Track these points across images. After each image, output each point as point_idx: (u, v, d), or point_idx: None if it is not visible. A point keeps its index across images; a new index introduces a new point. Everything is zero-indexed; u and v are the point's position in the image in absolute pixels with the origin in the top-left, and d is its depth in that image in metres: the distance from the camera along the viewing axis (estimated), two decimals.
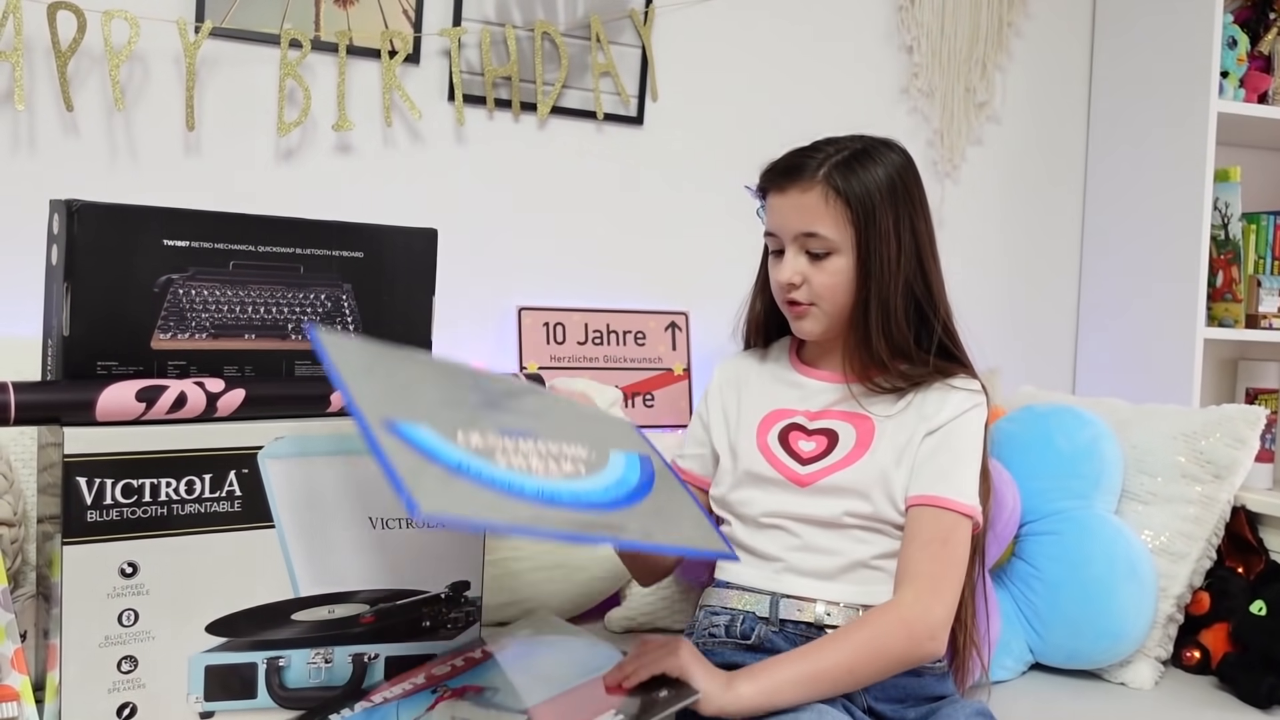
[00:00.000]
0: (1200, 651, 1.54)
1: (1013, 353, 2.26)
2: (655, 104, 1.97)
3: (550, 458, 0.88)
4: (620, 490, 0.91)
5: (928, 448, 1.22)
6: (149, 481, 1.06)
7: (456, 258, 1.77)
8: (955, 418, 1.23)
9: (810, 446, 1.26)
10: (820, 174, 1.21)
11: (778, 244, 1.26)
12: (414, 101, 1.77)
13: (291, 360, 1.19)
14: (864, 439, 1.24)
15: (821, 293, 1.23)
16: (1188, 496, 1.53)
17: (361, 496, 1.18)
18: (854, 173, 1.21)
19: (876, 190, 1.21)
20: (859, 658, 1.12)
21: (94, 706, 1.06)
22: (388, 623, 1.20)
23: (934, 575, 1.17)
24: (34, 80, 1.56)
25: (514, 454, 0.85)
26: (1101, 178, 2.32)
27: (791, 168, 1.23)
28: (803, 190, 1.22)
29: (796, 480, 1.24)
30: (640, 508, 0.89)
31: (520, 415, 0.95)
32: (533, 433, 0.90)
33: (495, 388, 1.02)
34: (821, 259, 1.22)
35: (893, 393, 1.25)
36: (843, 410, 1.27)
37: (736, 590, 1.25)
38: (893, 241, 1.21)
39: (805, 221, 1.22)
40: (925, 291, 1.24)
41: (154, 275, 1.10)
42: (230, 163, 1.69)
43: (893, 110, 2.16)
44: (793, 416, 1.29)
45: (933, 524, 1.19)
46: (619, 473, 0.95)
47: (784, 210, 1.24)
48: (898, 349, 1.23)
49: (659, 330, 1.96)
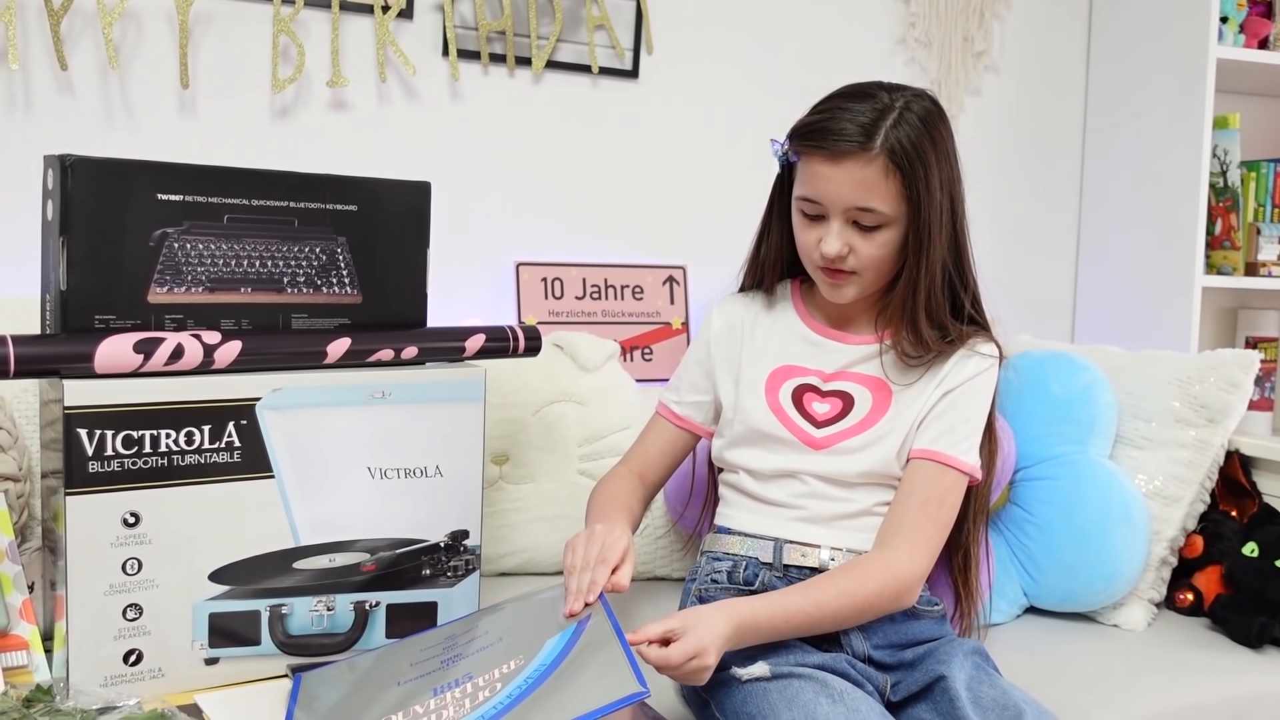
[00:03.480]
0: (1193, 593, 1.55)
1: (1012, 303, 2.26)
2: (650, 57, 1.96)
3: (468, 696, 0.98)
4: (529, 681, 0.97)
5: (942, 405, 1.23)
6: (149, 433, 1.08)
7: (453, 213, 1.77)
8: (971, 378, 1.24)
9: (825, 409, 1.26)
10: (882, 146, 1.15)
11: (819, 211, 1.19)
12: (408, 57, 1.77)
13: (288, 313, 1.20)
14: (881, 404, 1.24)
15: (866, 264, 1.20)
16: (1181, 441, 1.54)
17: (359, 447, 1.19)
18: (913, 144, 1.15)
19: (932, 161, 1.17)
20: (843, 607, 1.13)
21: (101, 653, 1.08)
22: (388, 571, 1.22)
23: (928, 535, 1.18)
24: (27, 39, 1.56)
25: (427, 715, 0.97)
26: (1101, 126, 2.31)
27: (852, 138, 1.15)
28: (864, 164, 1.15)
29: (810, 443, 1.24)
30: (541, 691, 0.95)
31: (463, 661, 1.05)
32: (467, 676, 1.02)
33: (460, 639, 1.12)
34: (870, 231, 1.18)
35: (919, 359, 1.23)
36: (860, 373, 1.26)
37: (739, 536, 1.26)
38: (940, 213, 1.19)
39: (862, 196, 1.16)
40: (959, 260, 1.24)
41: (149, 229, 1.10)
42: (225, 120, 1.69)
43: (889, 61, 2.15)
44: (806, 376, 1.28)
45: (934, 482, 1.20)
46: (540, 659, 1.00)
47: (838, 182, 1.16)
48: (934, 318, 1.22)
49: (657, 284, 1.96)
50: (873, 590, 1.14)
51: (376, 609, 1.22)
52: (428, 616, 1.25)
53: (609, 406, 1.63)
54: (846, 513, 1.23)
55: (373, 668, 1.11)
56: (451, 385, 1.24)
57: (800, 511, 1.24)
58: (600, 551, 1.10)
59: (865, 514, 1.23)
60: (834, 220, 1.19)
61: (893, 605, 1.16)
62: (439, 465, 1.24)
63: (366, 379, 1.20)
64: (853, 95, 1.19)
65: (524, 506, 1.59)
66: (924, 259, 1.19)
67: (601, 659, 0.96)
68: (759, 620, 1.10)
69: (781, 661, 1.11)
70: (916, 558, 1.17)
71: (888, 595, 1.15)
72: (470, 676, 1.02)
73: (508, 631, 1.09)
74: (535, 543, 1.58)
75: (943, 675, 1.13)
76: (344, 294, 1.23)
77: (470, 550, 1.28)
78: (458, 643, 1.11)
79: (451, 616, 1.26)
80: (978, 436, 1.24)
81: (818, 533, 1.23)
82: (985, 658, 1.19)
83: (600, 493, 1.32)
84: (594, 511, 1.28)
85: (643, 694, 0.91)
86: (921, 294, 1.20)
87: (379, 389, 1.20)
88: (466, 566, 1.27)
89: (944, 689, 1.12)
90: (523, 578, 1.58)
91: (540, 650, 1.02)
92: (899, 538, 1.18)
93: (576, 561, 1.10)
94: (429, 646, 1.12)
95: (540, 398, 1.60)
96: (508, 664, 1.01)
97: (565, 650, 1.00)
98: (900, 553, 1.17)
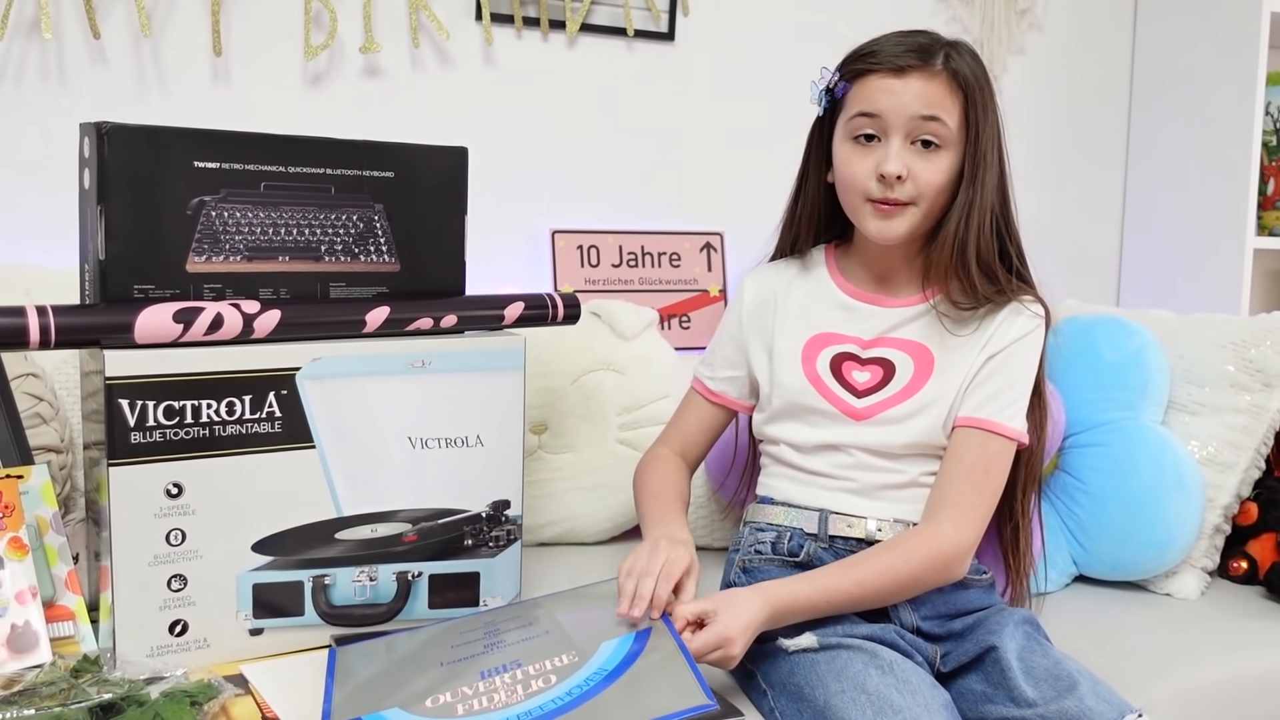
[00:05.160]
0: (1247, 561, 1.52)
1: (1056, 267, 2.21)
2: (686, 19, 1.92)
3: (519, 683, 0.99)
4: (591, 682, 0.98)
5: (986, 370, 1.20)
6: (190, 403, 1.07)
7: (488, 180, 1.75)
8: (1016, 340, 1.20)
9: (865, 377, 1.23)
10: (945, 64, 1.15)
11: (877, 128, 1.16)
12: (441, 22, 1.74)
13: (326, 282, 1.19)
14: (923, 370, 1.21)
15: (924, 190, 1.16)
16: (1236, 406, 1.50)
17: (400, 416, 1.18)
18: (973, 72, 1.16)
19: (989, 94, 1.17)
20: (887, 584, 1.11)
21: (147, 624, 1.08)
22: (430, 541, 1.21)
23: (975, 505, 1.16)
24: (60, 8, 1.55)
25: (478, 697, 0.98)
26: (1148, 84, 2.25)
27: (918, 49, 1.15)
28: (929, 78, 1.14)
29: (852, 414, 1.21)
30: (608, 693, 0.97)
31: (508, 648, 1.06)
32: (515, 663, 1.03)
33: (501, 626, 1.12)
34: (932, 151, 1.16)
35: (970, 308, 1.20)
36: (900, 338, 1.23)
37: (783, 506, 1.24)
38: (994, 147, 1.17)
39: (928, 105, 1.14)
40: (1004, 208, 1.21)
41: (186, 197, 1.09)
42: (258, 88, 1.67)
43: (931, 19, 2.09)
44: (843, 344, 1.24)
45: (979, 450, 1.18)
46: (600, 662, 1.01)
47: (901, 93, 1.14)
48: (984, 262, 1.18)
49: (694, 251, 1.94)
50: (917, 566, 1.12)
51: (419, 579, 1.21)
52: (470, 587, 1.24)
53: (648, 375, 1.61)
54: (893, 484, 1.21)
55: (412, 647, 1.11)
56: (491, 354, 1.23)
57: (845, 483, 1.21)
58: (664, 567, 1.08)
59: (912, 485, 1.21)
60: (894, 138, 1.15)
61: (940, 579, 1.14)
62: (479, 434, 1.23)
63: (406, 348, 1.18)
64: (901, 31, 1.19)
65: (563, 476, 1.58)
66: (978, 192, 1.16)
67: (668, 673, 0.98)
68: (798, 602, 1.08)
69: (830, 633, 1.09)
70: (964, 529, 1.14)
71: (934, 570, 1.13)
72: (519, 664, 1.02)
73: (555, 625, 1.09)
74: (575, 512, 1.57)
75: (994, 645, 1.11)
76: (382, 262, 1.21)
77: (512, 520, 1.26)
78: (500, 629, 1.11)
79: (494, 586, 1.25)
80: (1024, 401, 1.21)
81: (864, 504, 1.20)
82: (1036, 627, 1.17)
83: (650, 478, 1.29)
84: (647, 502, 1.26)
85: (710, 707, 0.94)
86: (974, 232, 1.17)
87: (418, 358, 1.18)
88: (508, 536, 1.26)
89: (995, 659, 1.10)
90: (563, 547, 1.57)
91: (597, 651, 1.02)
92: (944, 510, 1.16)
93: (638, 567, 1.08)
94: (469, 630, 1.12)
95: (578, 366, 1.58)
96: (559, 657, 1.02)
97: (629, 659, 1.01)
98: (946, 526, 1.14)
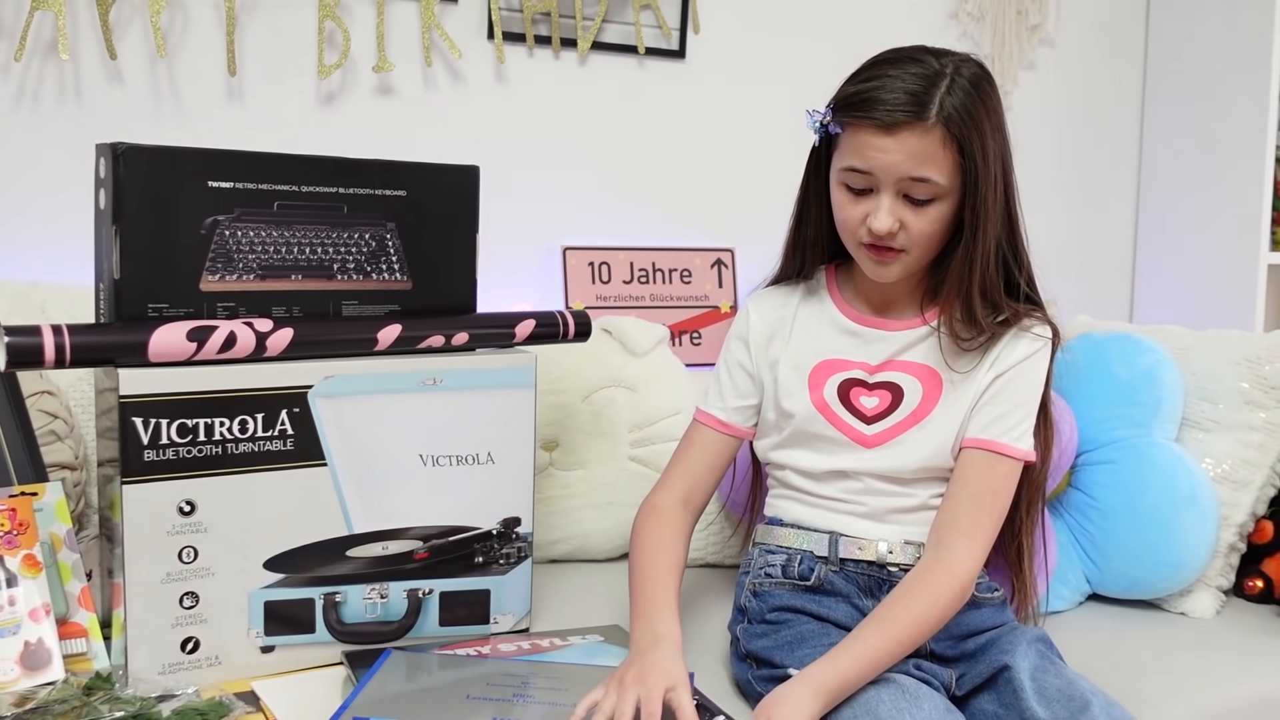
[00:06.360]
0: (1263, 580, 1.51)
1: (1069, 283, 2.21)
2: (697, 37, 1.93)
3: None
4: None
5: (993, 390, 1.19)
6: (203, 421, 1.08)
7: (500, 197, 1.75)
8: (1022, 360, 1.19)
9: (874, 403, 1.22)
10: (938, 115, 1.09)
11: (868, 184, 1.13)
12: (453, 41, 1.75)
13: (338, 300, 1.19)
14: (931, 393, 1.20)
15: (917, 240, 1.14)
16: (1251, 423, 1.50)
17: (412, 434, 1.18)
18: (969, 112, 1.10)
19: (987, 130, 1.11)
20: (921, 633, 1.09)
21: (159, 641, 1.08)
22: (441, 559, 1.21)
23: (984, 528, 1.15)
24: (77, 29, 1.57)
25: None
26: (1160, 98, 2.25)
27: (907, 107, 1.09)
28: (920, 134, 1.09)
29: (862, 441, 1.21)
30: None
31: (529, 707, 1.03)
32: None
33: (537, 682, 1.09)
34: (923, 205, 1.12)
35: (971, 340, 1.18)
36: (908, 361, 1.22)
37: (792, 529, 1.23)
38: (995, 185, 1.13)
39: (917, 166, 1.10)
40: (1012, 236, 1.18)
41: (200, 217, 1.10)
42: (272, 107, 1.69)
43: (942, 35, 2.10)
44: (850, 370, 1.23)
45: (987, 472, 1.17)
46: None
47: (891, 152, 1.10)
48: (988, 296, 1.17)
49: (705, 268, 1.94)
50: (944, 606, 1.11)
51: (430, 596, 1.21)
52: (480, 604, 1.24)
53: (659, 391, 1.61)
54: (903, 507, 1.20)
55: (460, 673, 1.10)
56: (502, 371, 1.23)
57: (855, 506, 1.21)
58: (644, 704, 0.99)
59: (922, 507, 1.20)
60: (884, 194, 1.12)
61: (958, 604, 1.13)
62: (490, 452, 1.23)
63: (417, 366, 1.19)
64: (898, 61, 1.13)
65: (574, 493, 1.58)
66: (979, 234, 1.14)
67: None
68: (846, 680, 1.04)
69: None
70: (975, 553, 1.14)
71: (957, 603, 1.12)
72: None
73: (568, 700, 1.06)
74: (586, 530, 1.57)
75: (1007, 665, 1.10)
76: (394, 280, 1.22)
77: (522, 537, 1.27)
78: (532, 684, 1.08)
79: (504, 604, 1.25)
80: (1031, 421, 1.20)
81: (874, 528, 1.20)
82: (1049, 645, 1.16)
83: (641, 548, 1.21)
84: (636, 584, 1.18)
85: None
86: (977, 271, 1.16)
87: (430, 375, 1.19)
88: (519, 554, 1.27)
89: (1008, 679, 1.09)
90: (574, 564, 1.57)
91: None
92: (954, 535, 1.15)
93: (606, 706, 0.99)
94: (513, 674, 1.10)
95: (589, 383, 1.58)
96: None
97: None
98: (959, 554, 1.13)
